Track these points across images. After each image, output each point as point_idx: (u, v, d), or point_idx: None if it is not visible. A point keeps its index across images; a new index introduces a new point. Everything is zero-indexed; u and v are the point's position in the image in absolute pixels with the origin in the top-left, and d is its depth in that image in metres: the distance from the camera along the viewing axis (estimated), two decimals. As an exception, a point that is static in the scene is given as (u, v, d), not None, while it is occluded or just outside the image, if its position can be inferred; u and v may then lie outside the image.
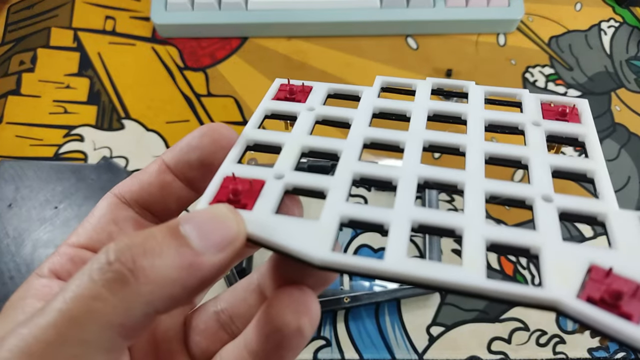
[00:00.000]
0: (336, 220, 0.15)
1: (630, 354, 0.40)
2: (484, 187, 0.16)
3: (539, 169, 0.17)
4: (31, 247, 0.41)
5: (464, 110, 0.20)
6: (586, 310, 0.13)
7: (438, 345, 0.39)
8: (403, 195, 0.16)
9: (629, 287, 0.13)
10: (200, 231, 0.14)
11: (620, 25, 0.52)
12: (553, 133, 0.19)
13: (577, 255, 0.14)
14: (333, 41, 0.50)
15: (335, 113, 0.20)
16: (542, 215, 0.15)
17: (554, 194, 0.16)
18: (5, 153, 0.45)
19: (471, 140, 0.18)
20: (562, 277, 0.14)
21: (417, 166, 0.17)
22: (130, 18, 0.51)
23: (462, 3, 0.49)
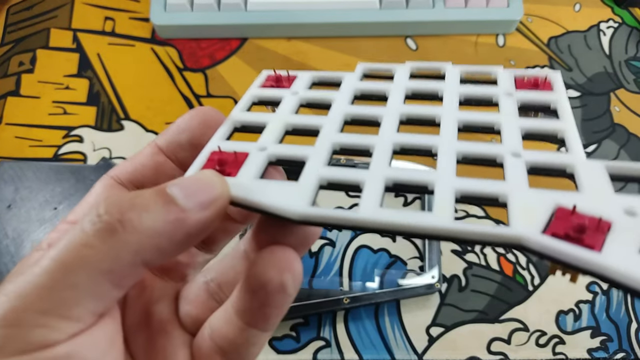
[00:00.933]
0: (314, 181, 0.16)
1: (630, 354, 0.40)
2: (456, 148, 0.17)
3: (510, 131, 0.18)
4: (31, 248, 0.41)
5: (441, 87, 0.20)
6: (550, 243, 0.13)
7: (438, 345, 0.39)
8: (378, 158, 0.17)
9: (592, 222, 0.13)
10: (186, 191, 0.15)
11: (620, 25, 0.52)
12: (525, 101, 0.19)
13: (543, 198, 0.14)
14: (332, 42, 0.50)
15: (318, 96, 0.21)
16: (510, 168, 0.16)
17: (523, 150, 0.17)
18: (5, 154, 0.45)
19: (446, 111, 0.19)
20: (527, 216, 0.14)
21: (392, 134, 0.18)
22: (130, 19, 0.51)
23: (462, 4, 0.49)
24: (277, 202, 0.15)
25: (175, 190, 0.15)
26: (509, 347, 0.40)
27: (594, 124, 0.48)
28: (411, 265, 0.41)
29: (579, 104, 0.49)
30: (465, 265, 0.42)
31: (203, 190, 0.15)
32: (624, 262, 0.12)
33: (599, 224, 0.13)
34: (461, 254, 0.42)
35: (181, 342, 0.19)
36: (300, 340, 0.39)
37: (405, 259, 0.41)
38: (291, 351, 0.39)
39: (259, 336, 0.17)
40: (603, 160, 0.16)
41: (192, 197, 0.14)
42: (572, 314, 0.41)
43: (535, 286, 0.42)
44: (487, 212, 0.44)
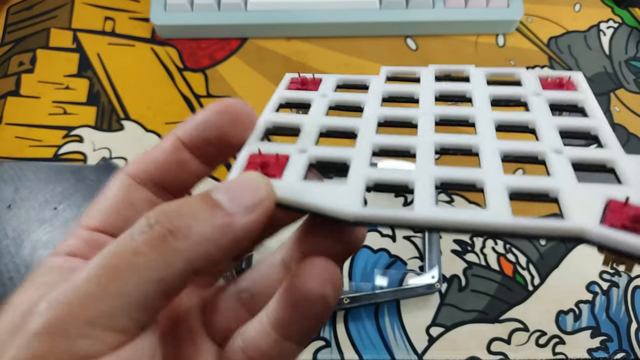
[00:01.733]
0: (362, 182, 0.16)
1: (630, 354, 0.40)
2: (498, 147, 0.17)
3: (546, 129, 0.18)
4: (30, 248, 0.41)
5: (469, 89, 0.20)
6: (611, 234, 0.13)
7: (438, 345, 0.39)
8: (422, 158, 0.17)
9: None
10: (231, 195, 0.14)
11: (619, 26, 0.52)
12: (554, 101, 0.19)
13: (594, 192, 0.15)
14: (332, 42, 0.50)
15: (348, 98, 0.20)
16: (555, 165, 0.16)
17: (564, 147, 0.17)
18: (5, 154, 0.45)
19: (479, 111, 0.19)
20: (583, 210, 0.14)
21: (432, 135, 0.18)
22: (130, 19, 0.51)
23: (462, 4, 0.49)
24: (329, 203, 0.15)
25: (219, 195, 0.14)
26: (509, 347, 0.40)
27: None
28: (411, 265, 0.41)
29: (579, 104, 0.49)
30: (465, 265, 0.42)
31: (248, 192, 0.15)
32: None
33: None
34: (461, 254, 0.42)
35: (210, 354, 0.18)
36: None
37: (405, 259, 0.41)
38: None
39: (294, 349, 0.17)
40: None
41: (237, 200, 0.14)
42: (572, 314, 0.41)
43: (535, 286, 0.42)
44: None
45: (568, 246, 0.43)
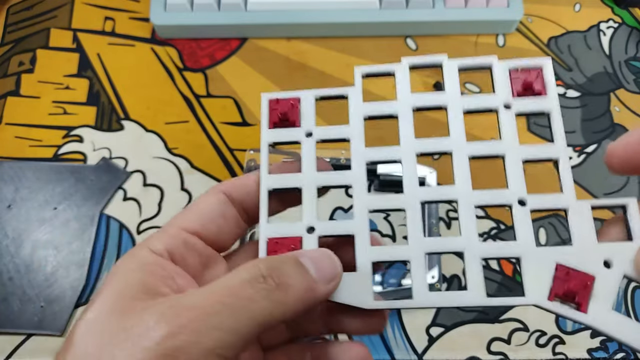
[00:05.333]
0: (369, 267, 0.19)
1: (630, 354, 0.40)
2: (475, 201, 0.20)
3: (513, 168, 0.21)
4: (30, 248, 0.41)
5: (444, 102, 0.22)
6: (555, 308, 0.18)
7: (437, 345, 0.39)
8: (413, 227, 0.20)
9: (581, 283, 0.18)
10: (315, 264, 0.18)
11: (619, 26, 0.52)
12: (522, 113, 0.22)
13: (546, 259, 0.19)
14: (333, 42, 0.50)
15: (331, 134, 0.22)
16: (519, 220, 0.20)
17: (527, 195, 0.20)
18: (5, 154, 0.45)
19: (455, 145, 0.21)
20: (536, 282, 0.19)
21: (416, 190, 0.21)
22: (130, 19, 0.51)
23: (462, 4, 0.49)
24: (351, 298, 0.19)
25: (306, 261, 0.18)
26: (509, 347, 0.40)
27: (594, 124, 0.48)
28: (411, 265, 0.41)
29: (579, 104, 0.49)
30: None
31: (328, 265, 0.18)
32: (601, 321, 0.18)
33: (586, 284, 0.18)
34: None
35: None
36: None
37: (405, 259, 0.41)
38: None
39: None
40: (588, 201, 0.20)
41: (321, 270, 0.18)
42: (572, 314, 0.41)
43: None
44: (487, 213, 0.44)
45: (568, 246, 0.43)
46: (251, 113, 0.47)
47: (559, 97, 0.50)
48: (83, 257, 0.41)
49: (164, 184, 0.44)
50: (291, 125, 0.23)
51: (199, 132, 0.46)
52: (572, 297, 0.18)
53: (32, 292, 0.39)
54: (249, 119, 0.46)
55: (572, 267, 0.18)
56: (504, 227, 0.43)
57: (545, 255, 0.19)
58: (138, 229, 0.42)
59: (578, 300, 0.18)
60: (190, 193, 0.44)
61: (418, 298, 0.19)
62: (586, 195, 0.45)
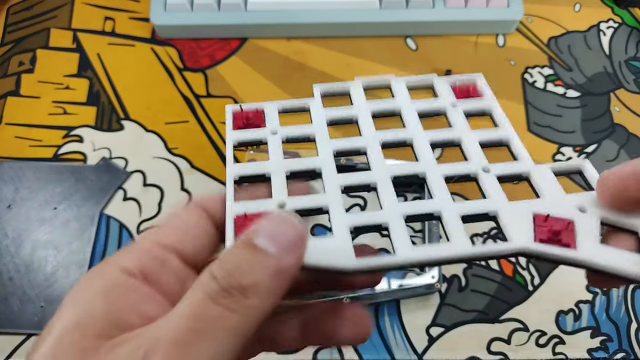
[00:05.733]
0: (347, 234, 0.19)
1: (630, 354, 0.40)
2: (441, 172, 0.21)
3: (470, 146, 0.22)
4: (30, 248, 0.41)
5: (398, 105, 0.24)
6: (543, 249, 0.18)
7: (437, 345, 0.39)
8: (386, 195, 0.20)
9: (562, 224, 0.19)
10: (273, 238, 0.16)
11: (619, 26, 0.52)
12: (467, 111, 0.24)
13: (522, 210, 0.19)
14: (333, 42, 0.50)
15: (296, 132, 0.23)
16: (487, 184, 0.21)
17: (489, 164, 0.21)
18: (5, 154, 0.45)
19: (414, 133, 0.23)
20: (519, 229, 0.19)
21: (384, 167, 0.21)
22: (130, 19, 0.51)
23: (462, 4, 0.49)
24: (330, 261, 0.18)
25: (261, 241, 0.16)
26: (509, 347, 0.40)
27: (594, 124, 0.48)
28: (411, 265, 0.41)
29: (579, 104, 0.49)
30: (465, 265, 0.42)
31: (285, 232, 0.16)
32: (593, 254, 0.18)
33: (568, 225, 0.19)
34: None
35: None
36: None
37: (405, 259, 0.41)
38: (291, 351, 0.39)
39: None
40: (547, 164, 0.21)
41: (279, 242, 0.16)
42: (572, 314, 0.41)
43: (535, 286, 0.42)
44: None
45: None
46: (251, 113, 0.47)
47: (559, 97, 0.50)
48: (83, 257, 0.41)
49: (164, 184, 0.44)
50: (256, 127, 0.23)
51: (199, 132, 0.46)
52: (557, 239, 0.18)
53: (32, 292, 0.39)
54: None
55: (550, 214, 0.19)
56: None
57: (520, 207, 0.19)
58: (138, 229, 0.42)
59: (564, 241, 0.18)
60: (191, 193, 0.44)
61: (401, 254, 0.18)
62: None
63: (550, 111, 0.48)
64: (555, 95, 0.49)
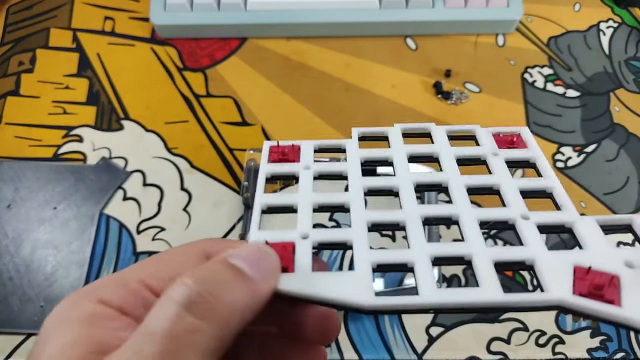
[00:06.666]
0: (369, 270, 0.18)
1: (630, 354, 0.40)
2: (475, 216, 0.20)
3: (510, 193, 0.21)
4: (30, 248, 0.41)
5: (436, 150, 0.23)
6: (584, 303, 0.16)
7: (437, 345, 0.39)
8: (415, 235, 0.19)
9: (606, 279, 0.17)
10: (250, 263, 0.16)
11: (619, 26, 0.52)
12: (509, 160, 0.23)
13: (562, 261, 0.18)
14: (333, 42, 0.50)
15: (330, 169, 0.22)
16: (525, 231, 0.19)
17: (529, 212, 0.20)
18: (5, 154, 0.45)
19: (451, 177, 0.22)
20: (557, 281, 0.17)
21: (416, 208, 0.20)
22: (130, 19, 0.51)
23: (462, 4, 0.49)
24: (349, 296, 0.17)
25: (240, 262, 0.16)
26: (509, 347, 0.40)
27: (594, 124, 0.48)
28: (411, 265, 0.41)
29: (579, 104, 0.49)
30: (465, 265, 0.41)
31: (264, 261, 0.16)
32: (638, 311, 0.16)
33: (612, 280, 0.17)
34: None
35: None
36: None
37: (405, 259, 0.41)
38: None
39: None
40: (593, 217, 0.20)
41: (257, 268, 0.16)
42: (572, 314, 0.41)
43: (535, 286, 0.41)
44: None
45: (568, 246, 0.43)
46: (251, 113, 0.47)
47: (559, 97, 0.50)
48: (83, 257, 0.41)
49: (164, 184, 0.44)
50: (291, 162, 0.23)
51: (199, 132, 0.46)
52: (599, 294, 0.17)
53: (32, 292, 0.39)
54: (249, 119, 0.46)
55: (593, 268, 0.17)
56: (504, 227, 0.43)
57: (562, 258, 0.18)
58: (138, 229, 0.42)
59: (607, 296, 0.17)
60: (191, 193, 0.44)
61: (426, 296, 0.17)
62: (586, 195, 0.45)
63: (550, 111, 0.48)
64: (555, 95, 0.49)
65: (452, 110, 0.47)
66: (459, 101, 0.47)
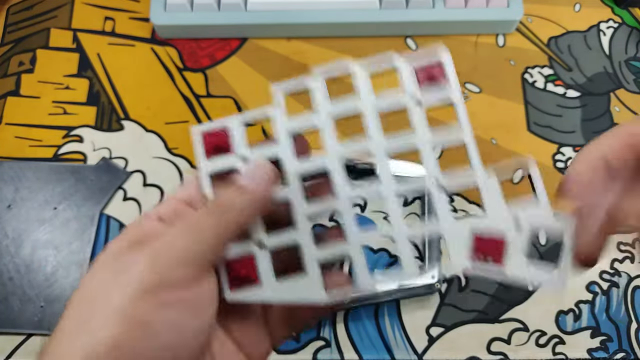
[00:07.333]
0: (317, 267, 0.22)
1: (630, 354, 0.40)
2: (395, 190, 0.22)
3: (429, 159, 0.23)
4: (30, 247, 0.41)
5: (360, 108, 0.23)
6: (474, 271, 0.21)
7: (437, 345, 0.39)
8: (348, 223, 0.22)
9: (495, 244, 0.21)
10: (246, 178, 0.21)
11: (619, 26, 0.52)
12: (431, 105, 0.24)
13: (463, 229, 0.22)
14: (333, 42, 0.50)
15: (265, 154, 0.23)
16: (438, 203, 0.22)
17: (442, 177, 0.22)
18: (5, 154, 0.45)
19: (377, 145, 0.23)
20: (458, 250, 0.21)
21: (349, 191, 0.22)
22: (130, 19, 0.51)
23: (462, 4, 0.49)
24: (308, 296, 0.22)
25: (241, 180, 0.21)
26: (509, 347, 0.40)
27: (594, 124, 0.48)
28: (411, 265, 0.41)
29: (579, 104, 0.49)
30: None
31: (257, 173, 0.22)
32: (517, 270, 0.21)
33: (498, 243, 0.21)
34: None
35: None
36: (300, 340, 0.39)
37: (405, 259, 0.41)
38: (291, 351, 0.39)
39: None
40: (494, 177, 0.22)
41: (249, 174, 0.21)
42: (572, 314, 0.41)
43: (535, 286, 0.42)
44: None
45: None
46: (251, 113, 0.47)
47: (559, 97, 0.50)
48: (83, 257, 0.41)
49: (164, 184, 0.44)
50: (225, 152, 0.24)
51: (199, 132, 0.46)
52: (489, 257, 0.21)
53: (32, 292, 0.39)
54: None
55: (486, 233, 0.21)
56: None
57: (463, 228, 0.22)
58: (138, 229, 0.42)
59: (494, 259, 0.21)
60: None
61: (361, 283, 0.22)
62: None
63: (550, 111, 0.48)
64: (555, 95, 0.49)
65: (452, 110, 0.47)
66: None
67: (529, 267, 0.21)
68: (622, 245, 0.43)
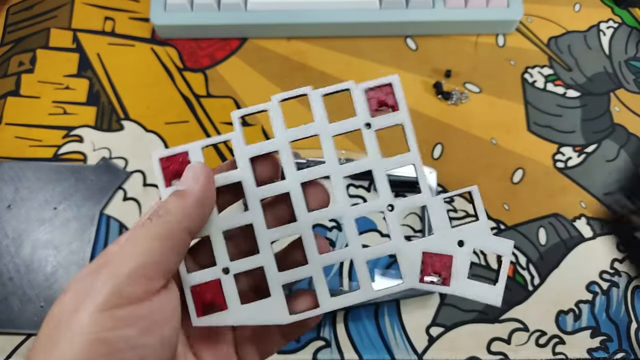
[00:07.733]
0: (280, 290, 0.23)
1: (630, 354, 0.40)
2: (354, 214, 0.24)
3: (381, 180, 0.24)
4: (30, 248, 0.41)
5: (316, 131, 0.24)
6: (424, 287, 0.23)
7: (437, 345, 0.39)
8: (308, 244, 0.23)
9: (443, 262, 0.23)
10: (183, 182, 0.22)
11: (619, 26, 0.52)
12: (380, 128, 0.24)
13: (415, 251, 0.23)
14: (333, 42, 0.50)
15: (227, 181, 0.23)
16: (391, 224, 0.24)
17: (394, 201, 0.24)
18: (5, 154, 0.45)
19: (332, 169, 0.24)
20: (410, 270, 0.23)
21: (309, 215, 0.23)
22: (130, 19, 0.51)
23: (462, 4, 0.49)
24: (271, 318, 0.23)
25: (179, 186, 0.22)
26: (509, 347, 0.40)
27: (594, 124, 0.48)
28: (411, 265, 0.41)
29: (579, 104, 0.49)
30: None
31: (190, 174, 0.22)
32: (461, 289, 0.23)
33: (445, 263, 0.23)
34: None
35: None
36: (301, 340, 0.39)
37: (405, 259, 0.41)
38: (291, 351, 0.39)
39: None
40: (441, 195, 0.24)
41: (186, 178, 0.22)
42: (572, 314, 0.41)
43: (535, 286, 0.42)
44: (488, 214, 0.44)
45: (568, 246, 0.43)
46: (251, 113, 0.47)
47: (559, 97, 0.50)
48: (83, 257, 0.41)
49: (164, 184, 0.44)
50: None
51: (199, 132, 0.46)
52: (438, 275, 0.23)
53: (32, 292, 0.39)
54: (249, 119, 0.47)
55: (434, 252, 0.23)
56: (504, 227, 0.43)
57: (414, 248, 0.23)
58: (138, 229, 0.42)
59: (443, 276, 0.23)
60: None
61: (324, 305, 0.23)
62: (586, 195, 0.45)
63: (550, 111, 0.48)
64: (555, 95, 0.49)
65: (452, 110, 0.47)
66: (459, 101, 0.47)
67: (472, 285, 0.23)
68: (622, 245, 0.43)
